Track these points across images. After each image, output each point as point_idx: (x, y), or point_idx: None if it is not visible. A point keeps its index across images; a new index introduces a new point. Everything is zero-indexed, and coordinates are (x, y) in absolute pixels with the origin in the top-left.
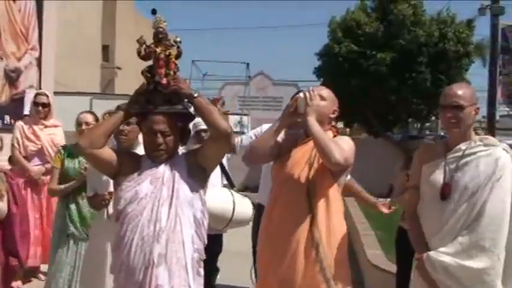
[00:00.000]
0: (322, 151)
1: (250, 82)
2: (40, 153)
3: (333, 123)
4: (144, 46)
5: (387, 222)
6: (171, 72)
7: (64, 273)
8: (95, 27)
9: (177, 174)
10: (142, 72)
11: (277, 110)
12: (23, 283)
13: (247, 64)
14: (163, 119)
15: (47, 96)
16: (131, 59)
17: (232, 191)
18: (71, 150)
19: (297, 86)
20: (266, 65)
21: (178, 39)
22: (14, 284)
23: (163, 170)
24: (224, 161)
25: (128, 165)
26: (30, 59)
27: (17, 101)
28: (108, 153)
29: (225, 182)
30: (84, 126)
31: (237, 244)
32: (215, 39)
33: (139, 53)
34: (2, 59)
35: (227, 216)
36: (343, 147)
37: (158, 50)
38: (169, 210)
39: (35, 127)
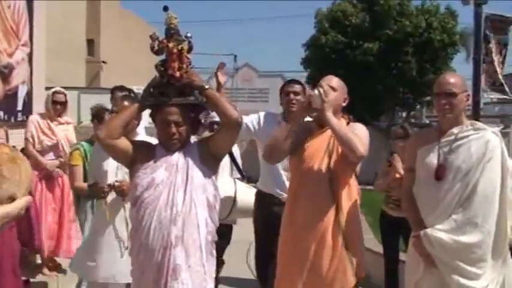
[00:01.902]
0: (346, 146)
1: (236, 74)
2: (55, 148)
3: None
4: (156, 41)
5: (376, 209)
6: (184, 66)
7: None
8: (79, 22)
9: (190, 161)
10: (156, 66)
11: (263, 101)
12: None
13: (235, 56)
14: (176, 110)
15: (65, 94)
16: (116, 53)
17: (237, 180)
18: (88, 148)
19: (282, 77)
20: (253, 57)
21: (189, 35)
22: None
23: (177, 157)
24: (235, 150)
25: (143, 154)
26: (22, 55)
27: (9, 97)
28: (124, 143)
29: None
30: None
31: (243, 233)
32: (202, 32)
33: (152, 48)
34: None
35: (229, 202)
36: (361, 137)
37: (170, 45)
38: (185, 195)
39: (50, 123)
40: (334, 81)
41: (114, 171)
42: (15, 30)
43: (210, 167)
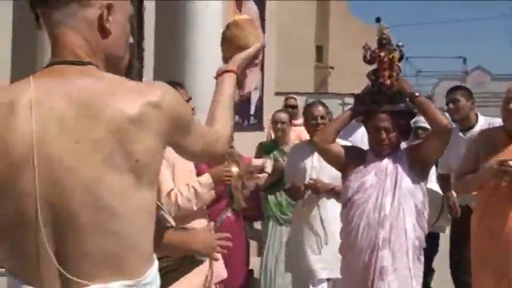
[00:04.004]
0: None
1: (467, 78)
2: None
3: None
4: (369, 51)
5: None
6: (394, 74)
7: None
8: (308, 28)
9: (399, 167)
10: (368, 75)
11: (497, 106)
12: None
13: (464, 59)
14: (387, 117)
15: (295, 99)
16: (343, 58)
17: None
18: (266, 147)
19: None
20: (484, 59)
21: (400, 43)
22: None
23: (387, 163)
24: None
25: (354, 158)
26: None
27: (244, 102)
28: (337, 148)
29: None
30: (279, 125)
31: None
32: (429, 35)
33: (364, 57)
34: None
35: (437, 208)
36: None
37: (382, 54)
38: (393, 200)
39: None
40: None
41: (309, 172)
42: None
43: (419, 174)
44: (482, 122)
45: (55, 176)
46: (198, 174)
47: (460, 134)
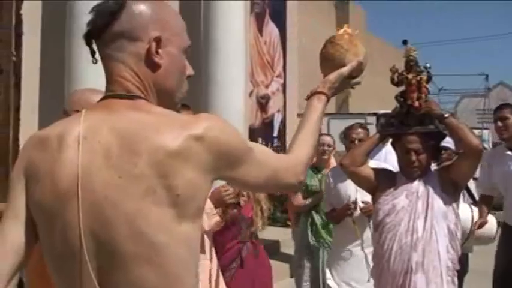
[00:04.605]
0: None
1: (490, 94)
2: None
3: None
4: (396, 74)
5: None
6: (423, 96)
7: (306, 276)
8: None
9: (431, 189)
10: (396, 97)
11: None
12: None
13: (486, 76)
14: (416, 138)
15: None
16: (363, 79)
17: (472, 206)
18: (311, 168)
19: None
20: (507, 76)
21: (428, 65)
22: None
23: (418, 185)
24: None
25: (385, 180)
26: (276, 85)
27: (267, 124)
28: (367, 170)
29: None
30: (325, 147)
31: (482, 263)
32: (451, 52)
33: (392, 80)
34: (254, 87)
35: (465, 230)
36: None
37: (410, 76)
38: (425, 222)
39: None
40: None
41: (354, 195)
42: (271, 63)
43: (450, 195)
44: None
45: (98, 209)
46: None
47: (508, 152)
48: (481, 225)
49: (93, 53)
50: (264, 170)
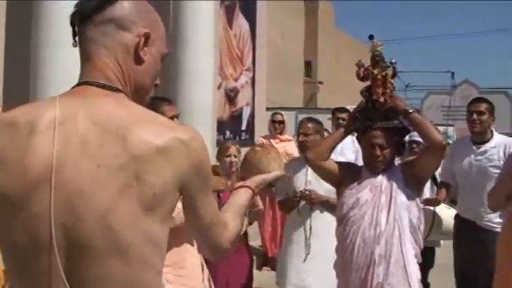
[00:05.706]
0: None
1: (455, 91)
2: None
3: None
4: (362, 69)
5: None
6: (388, 91)
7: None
8: (297, 43)
9: (394, 183)
10: (361, 92)
11: None
12: None
13: (452, 73)
14: (381, 133)
15: (282, 115)
16: (331, 73)
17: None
18: None
19: (506, 94)
20: (472, 74)
21: (393, 60)
22: None
23: (381, 179)
24: (436, 173)
25: (349, 175)
26: (245, 79)
27: (235, 118)
28: (331, 164)
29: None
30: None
31: (449, 257)
32: (419, 49)
33: (358, 75)
34: (222, 80)
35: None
36: None
37: (375, 71)
38: (388, 216)
39: (272, 141)
40: None
41: (303, 185)
42: (240, 57)
43: (414, 190)
44: (499, 140)
45: (72, 202)
46: None
47: (473, 146)
48: (433, 201)
49: (75, 35)
50: (212, 212)
